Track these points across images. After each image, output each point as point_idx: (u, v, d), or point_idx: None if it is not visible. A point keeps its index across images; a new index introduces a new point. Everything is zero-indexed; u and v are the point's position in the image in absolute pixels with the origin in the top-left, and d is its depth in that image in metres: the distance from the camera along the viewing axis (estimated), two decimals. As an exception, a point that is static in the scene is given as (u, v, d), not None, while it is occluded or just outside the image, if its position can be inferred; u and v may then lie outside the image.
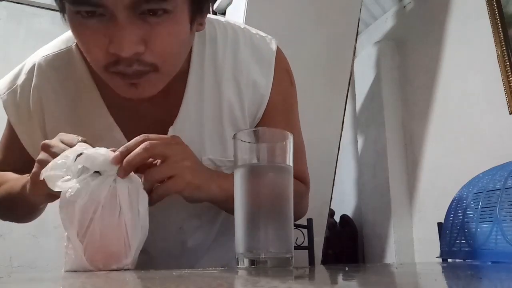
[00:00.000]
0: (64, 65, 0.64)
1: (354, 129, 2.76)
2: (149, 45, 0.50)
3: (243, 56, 0.66)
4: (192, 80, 0.64)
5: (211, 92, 0.65)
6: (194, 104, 0.64)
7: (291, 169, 0.49)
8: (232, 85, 0.65)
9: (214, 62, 0.65)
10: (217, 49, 0.65)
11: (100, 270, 0.46)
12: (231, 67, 0.65)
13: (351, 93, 2.19)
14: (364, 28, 2.78)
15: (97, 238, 0.46)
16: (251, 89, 0.66)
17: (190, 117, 0.64)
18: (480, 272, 0.45)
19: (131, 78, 0.52)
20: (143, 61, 0.51)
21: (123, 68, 0.51)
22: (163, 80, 0.56)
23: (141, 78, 0.52)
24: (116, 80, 0.53)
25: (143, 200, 0.50)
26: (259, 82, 0.67)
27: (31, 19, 2.34)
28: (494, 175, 0.72)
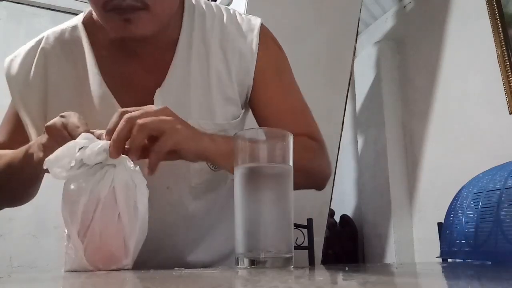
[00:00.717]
0: (69, 37, 0.71)
1: (354, 129, 2.76)
2: None
3: (229, 29, 0.72)
4: (181, 47, 0.69)
5: (198, 60, 0.70)
6: (182, 70, 0.69)
7: (291, 169, 0.49)
8: (219, 54, 0.70)
9: (202, 33, 0.71)
10: (205, 22, 0.71)
11: (99, 270, 0.46)
12: (218, 38, 0.71)
13: (351, 93, 2.19)
14: (364, 28, 2.78)
15: (97, 237, 0.46)
16: (237, 58, 0.71)
17: (177, 80, 0.68)
18: (480, 272, 0.45)
19: (125, 12, 0.58)
20: None
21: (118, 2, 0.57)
22: (154, 21, 0.61)
23: (133, 13, 0.59)
24: (112, 18, 0.59)
25: (142, 197, 0.50)
26: (245, 52, 0.71)
27: (31, 19, 2.34)
28: (494, 175, 0.72)
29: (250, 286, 0.27)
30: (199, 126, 0.66)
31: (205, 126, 0.67)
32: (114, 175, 0.49)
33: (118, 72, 0.69)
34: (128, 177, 0.49)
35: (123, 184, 0.49)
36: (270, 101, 0.73)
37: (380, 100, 2.43)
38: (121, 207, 0.48)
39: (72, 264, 0.46)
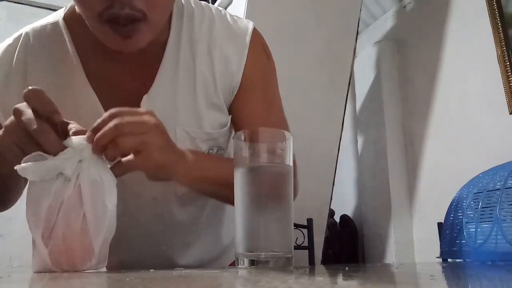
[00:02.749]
0: (50, 35, 0.67)
1: (354, 129, 2.76)
2: None
3: (218, 33, 0.69)
4: (169, 52, 0.67)
5: (186, 64, 0.67)
6: (169, 75, 0.66)
7: (291, 169, 0.49)
8: (206, 59, 0.68)
9: (190, 36, 0.68)
10: (194, 25, 0.68)
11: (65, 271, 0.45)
12: (206, 42, 0.68)
13: (351, 93, 2.19)
14: (364, 28, 2.78)
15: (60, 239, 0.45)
16: (223, 64, 0.68)
17: (164, 86, 0.66)
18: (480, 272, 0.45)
19: (125, 29, 0.55)
20: (134, 6, 0.54)
21: (116, 11, 0.54)
22: (150, 32, 0.59)
23: (133, 30, 0.56)
24: (109, 32, 0.56)
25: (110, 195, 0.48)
26: (232, 58, 0.68)
27: (31, 19, 2.33)
28: (494, 175, 0.72)
29: (250, 286, 0.27)
30: (187, 134, 0.66)
31: (193, 134, 0.66)
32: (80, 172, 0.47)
33: (104, 75, 0.66)
34: (96, 174, 0.48)
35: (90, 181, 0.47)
36: (251, 114, 0.71)
37: (380, 100, 2.43)
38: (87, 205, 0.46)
39: (38, 266, 0.46)
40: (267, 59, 0.74)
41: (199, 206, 0.74)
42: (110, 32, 0.56)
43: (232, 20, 0.71)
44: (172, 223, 0.72)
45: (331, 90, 1.92)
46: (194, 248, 0.76)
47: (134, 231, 0.69)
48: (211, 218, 0.77)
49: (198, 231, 0.76)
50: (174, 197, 0.70)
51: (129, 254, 0.71)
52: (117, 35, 0.56)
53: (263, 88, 0.72)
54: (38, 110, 0.47)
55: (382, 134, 2.38)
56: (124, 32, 0.56)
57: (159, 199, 0.69)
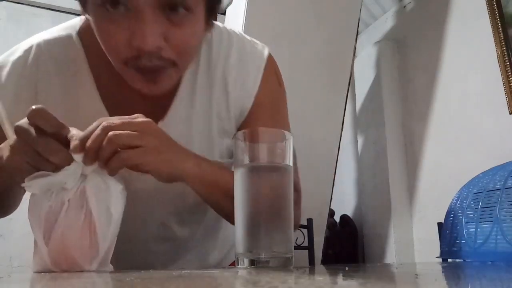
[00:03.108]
0: (63, 50, 0.64)
1: (354, 129, 2.76)
2: (169, 41, 0.52)
3: (234, 59, 0.67)
4: (186, 78, 0.65)
5: (203, 91, 0.66)
6: (186, 102, 0.65)
7: (291, 169, 0.49)
8: (221, 84, 0.66)
9: (207, 63, 0.66)
10: (211, 51, 0.67)
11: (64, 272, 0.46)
12: (222, 69, 0.67)
13: (351, 93, 2.19)
14: (364, 28, 2.78)
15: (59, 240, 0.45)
16: (237, 90, 0.67)
17: (180, 113, 0.64)
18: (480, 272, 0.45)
19: (151, 73, 0.54)
20: (163, 56, 0.52)
21: (144, 63, 0.52)
22: (178, 75, 0.58)
23: (160, 75, 0.54)
24: (134, 75, 0.54)
25: (116, 202, 0.48)
26: (246, 84, 0.68)
27: (31, 19, 2.34)
28: (494, 175, 0.72)
29: (250, 286, 0.27)
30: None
31: None
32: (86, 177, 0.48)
33: (118, 96, 0.63)
34: (100, 181, 0.48)
35: (95, 187, 0.47)
36: None
37: (380, 100, 2.43)
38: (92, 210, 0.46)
39: (37, 266, 0.46)
40: (279, 86, 0.73)
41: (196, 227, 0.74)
42: (136, 76, 0.54)
43: (248, 45, 0.70)
44: (174, 242, 0.73)
45: (331, 90, 1.92)
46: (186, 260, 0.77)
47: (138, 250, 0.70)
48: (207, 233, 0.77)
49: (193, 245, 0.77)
50: (180, 220, 0.70)
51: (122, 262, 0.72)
52: (143, 80, 0.55)
53: (272, 113, 0.71)
54: (45, 129, 0.46)
55: (382, 134, 2.38)
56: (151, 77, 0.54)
57: (166, 223, 0.69)
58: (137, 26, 0.50)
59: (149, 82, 0.55)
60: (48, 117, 0.46)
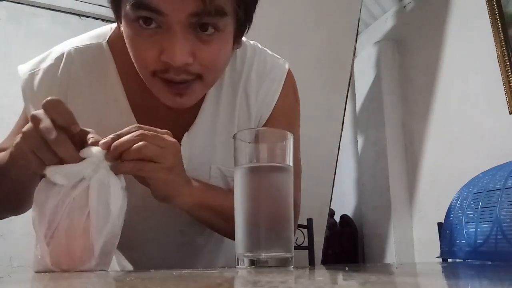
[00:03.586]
0: (93, 59, 0.65)
1: (354, 129, 2.76)
2: (197, 58, 0.54)
3: (256, 73, 0.69)
4: (212, 91, 0.67)
5: (226, 103, 0.68)
6: (210, 114, 0.67)
7: (291, 169, 0.49)
8: (243, 98, 0.68)
9: (231, 76, 0.68)
10: (236, 64, 0.69)
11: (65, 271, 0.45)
12: (244, 82, 0.69)
13: (351, 93, 2.19)
14: (364, 28, 2.78)
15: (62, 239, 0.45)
16: (258, 104, 0.69)
17: (205, 125, 0.66)
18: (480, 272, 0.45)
19: (178, 87, 0.55)
20: (190, 71, 0.54)
21: (171, 76, 0.54)
22: (204, 90, 0.60)
23: (187, 89, 0.56)
24: (161, 87, 0.56)
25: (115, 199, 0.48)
26: (266, 97, 0.69)
27: (31, 19, 2.34)
28: (494, 175, 0.72)
29: (250, 286, 0.27)
30: (221, 172, 0.67)
31: (226, 173, 0.67)
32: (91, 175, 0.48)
33: (146, 106, 0.65)
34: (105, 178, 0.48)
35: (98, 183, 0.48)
36: None
37: (380, 100, 2.43)
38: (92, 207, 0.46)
39: (38, 265, 0.46)
40: (295, 102, 0.76)
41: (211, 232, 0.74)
42: (162, 88, 0.56)
43: (270, 59, 0.72)
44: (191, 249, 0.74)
45: (331, 90, 1.92)
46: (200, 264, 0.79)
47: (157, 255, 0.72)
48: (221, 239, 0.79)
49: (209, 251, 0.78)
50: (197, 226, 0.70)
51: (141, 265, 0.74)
52: (169, 93, 0.56)
53: (287, 124, 0.72)
54: (57, 120, 0.47)
55: (382, 134, 2.38)
56: (177, 90, 0.56)
57: (185, 230, 0.70)
58: (167, 43, 0.52)
59: (175, 95, 0.56)
60: (62, 110, 0.47)
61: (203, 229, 0.72)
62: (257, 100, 0.69)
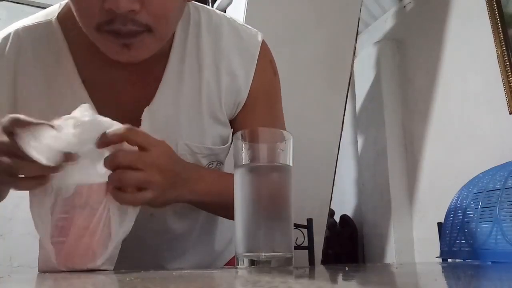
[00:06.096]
0: (42, 36, 0.62)
1: (354, 129, 2.76)
2: (144, 5, 0.50)
3: (226, 44, 0.65)
4: (173, 61, 0.63)
5: (191, 75, 0.63)
6: (173, 86, 0.62)
7: (291, 169, 0.49)
8: (212, 70, 0.64)
9: (196, 46, 0.64)
10: (201, 33, 0.64)
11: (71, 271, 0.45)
12: (213, 53, 0.64)
13: (351, 93, 2.19)
14: (364, 28, 2.78)
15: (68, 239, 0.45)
16: (230, 78, 0.65)
17: (167, 99, 0.62)
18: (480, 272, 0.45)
19: (125, 37, 0.51)
20: (138, 21, 0.50)
21: (117, 27, 0.50)
22: (156, 44, 0.55)
23: (135, 38, 0.52)
24: (108, 40, 0.52)
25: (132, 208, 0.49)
26: (239, 72, 0.65)
27: (31, 19, 2.33)
28: (494, 175, 0.72)
29: (250, 286, 0.27)
30: (189, 149, 0.64)
31: (195, 150, 0.64)
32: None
33: (101, 81, 0.61)
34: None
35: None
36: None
37: (380, 100, 2.43)
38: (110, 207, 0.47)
39: (42, 265, 0.46)
40: (274, 75, 0.71)
41: (194, 218, 0.74)
42: (109, 41, 0.52)
43: (241, 30, 0.67)
44: (168, 236, 0.72)
45: (331, 90, 1.92)
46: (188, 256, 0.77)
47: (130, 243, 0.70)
48: (204, 227, 0.77)
49: (193, 240, 0.76)
50: (172, 212, 0.69)
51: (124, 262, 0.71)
52: (117, 45, 0.52)
53: (268, 103, 0.70)
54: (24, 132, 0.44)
55: (382, 134, 2.38)
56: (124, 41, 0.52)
57: (156, 215, 0.68)
58: None
59: (123, 47, 0.52)
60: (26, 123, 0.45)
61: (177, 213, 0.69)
62: (228, 72, 0.65)
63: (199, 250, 0.78)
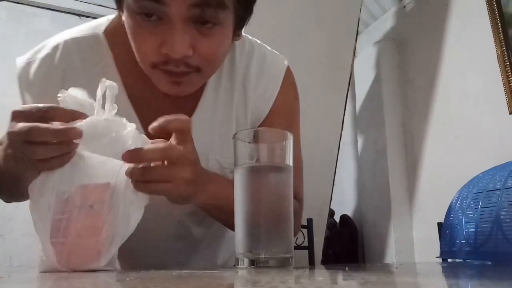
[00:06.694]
0: (90, 49, 0.65)
1: (354, 129, 2.76)
2: (196, 51, 0.55)
3: (254, 67, 0.70)
4: (211, 83, 0.68)
5: (225, 95, 0.68)
6: (209, 104, 0.68)
7: (291, 169, 0.49)
8: (241, 91, 0.69)
9: (230, 69, 0.69)
10: (234, 58, 0.70)
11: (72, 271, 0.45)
12: (242, 75, 0.70)
13: (351, 93, 2.19)
14: (364, 28, 2.78)
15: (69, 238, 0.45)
16: (256, 97, 0.70)
17: (204, 116, 0.67)
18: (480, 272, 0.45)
19: (176, 77, 0.57)
20: (189, 64, 0.56)
21: (170, 68, 0.55)
22: (202, 81, 0.62)
23: (184, 79, 0.57)
24: (162, 77, 0.57)
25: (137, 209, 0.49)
26: (264, 92, 0.70)
27: (31, 19, 2.34)
28: (494, 175, 0.72)
29: (250, 286, 0.27)
30: (219, 164, 0.67)
31: (224, 165, 0.68)
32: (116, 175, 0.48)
33: (144, 97, 0.65)
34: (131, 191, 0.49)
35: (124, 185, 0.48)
36: None
37: (380, 100, 2.43)
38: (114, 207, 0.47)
39: (43, 266, 0.46)
40: (295, 99, 0.77)
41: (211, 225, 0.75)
42: (161, 77, 0.57)
43: (269, 54, 0.73)
44: (189, 241, 0.74)
45: (331, 90, 1.92)
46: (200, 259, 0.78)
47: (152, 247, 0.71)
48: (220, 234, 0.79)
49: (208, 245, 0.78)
50: (196, 219, 0.71)
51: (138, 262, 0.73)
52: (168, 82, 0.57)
53: (287, 121, 0.74)
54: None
55: (382, 134, 2.38)
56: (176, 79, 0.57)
57: (182, 221, 0.70)
58: (167, 35, 0.53)
59: (173, 84, 0.58)
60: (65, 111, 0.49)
61: (202, 221, 0.72)
62: (255, 95, 0.70)
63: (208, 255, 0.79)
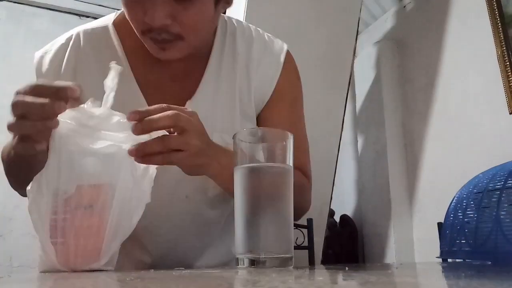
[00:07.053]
0: (100, 38, 0.73)
1: (354, 129, 2.76)
2: (176, 20, 0.61)
3: (256, 50, 0.76)
4: (212, 64, 0.73)
5: (227, 76, 0.73)
6: (211, 84, 0.72)
7: (291, 169, 0.49)
8: (244, 72, 0.74)
9: (232, 52, 0.75)
10: (236, 41, 0.75)
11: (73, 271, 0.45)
12: (245, 57, 0.75)
13: (351, 93, 2.19)
14: (364, 28, 2.78)
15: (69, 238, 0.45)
16: (259, 78, 0.74)
17: (206, 95, 0.71)
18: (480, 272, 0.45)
19: (160, 43, 0.63)
20: (170, 31, 0.62)
21: (154, 35, 0.62)
22: (187, 48, 0.66)
23: (168, 44, 0.63)
24: (150, 43, 0.64)
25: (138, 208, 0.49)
26: (267, 73, 0.75)
27: (31, 19, 2.34)
28: (494, 175, 0.72)
29: (250, 286, 0.27)
30: (223, 141, 0.67)
31: (227, 140, 0.67)
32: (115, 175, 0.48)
33: (151, 79, 0.71)
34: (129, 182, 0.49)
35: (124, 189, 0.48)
36: (278, 123, 0.75)
37: (380, 100, 2.43)
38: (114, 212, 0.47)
39: (43, 265, 0.46)
40: (297, 80, 0.81)
41: (225, 209, 0.75)
42: (151, 43, 0.64)
43: (268, 39, 0.79)
44: (200, 223, 0.74)
45: (331, 90, 1.92)
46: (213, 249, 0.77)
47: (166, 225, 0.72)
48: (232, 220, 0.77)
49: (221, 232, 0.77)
50: (205, 197, 0.72)
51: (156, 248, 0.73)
52: (155, 47, 0.64)
53: (292, 102, 0.78)
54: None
55: (382, 134, 2.38)
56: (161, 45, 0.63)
57: (191, 197, 0.71)
58: (148, 6, 0.59)
59: (160, 49, 0.64)
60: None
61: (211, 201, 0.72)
62: (258, 74, 0.74)
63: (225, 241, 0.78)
